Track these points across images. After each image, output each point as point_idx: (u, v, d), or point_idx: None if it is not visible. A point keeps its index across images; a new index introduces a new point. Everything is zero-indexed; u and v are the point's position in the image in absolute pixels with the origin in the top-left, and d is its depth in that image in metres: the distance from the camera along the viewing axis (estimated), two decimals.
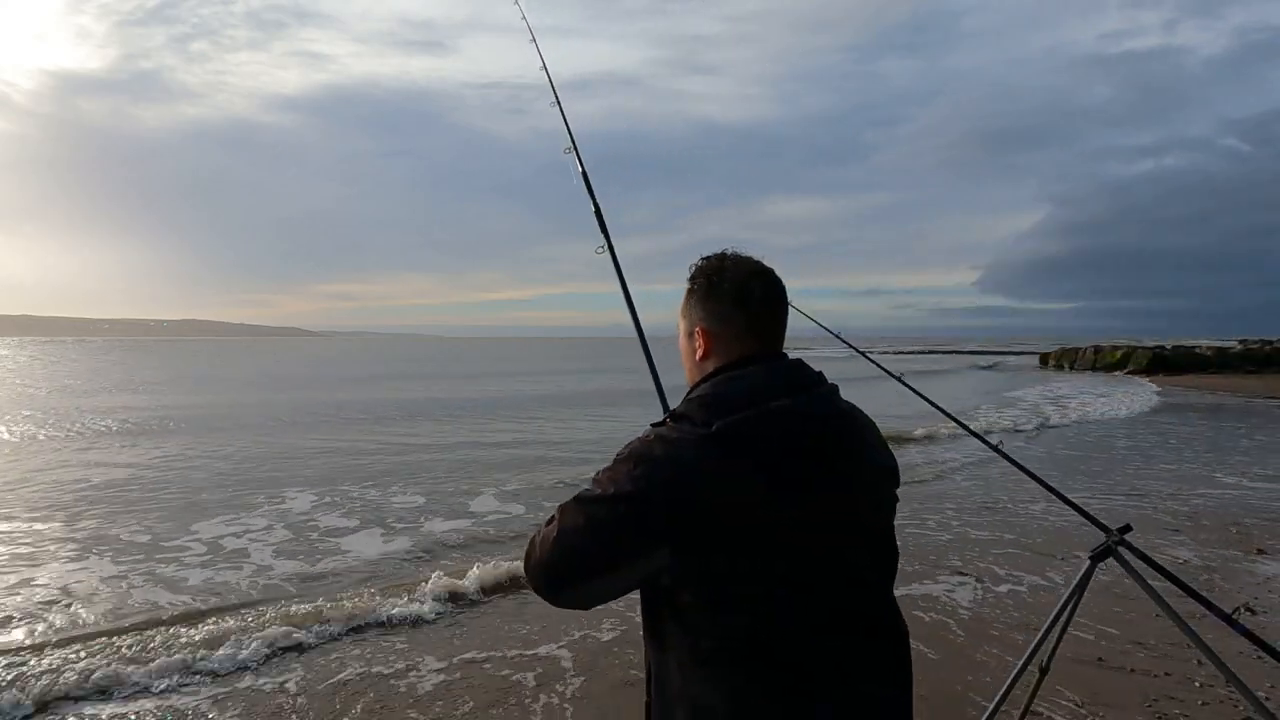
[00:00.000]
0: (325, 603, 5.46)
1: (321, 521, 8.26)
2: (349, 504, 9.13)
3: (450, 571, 6.16)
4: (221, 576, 6.28)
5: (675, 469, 1.18)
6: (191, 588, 6.02)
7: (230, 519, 8.29)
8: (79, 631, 5.07)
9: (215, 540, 7.43)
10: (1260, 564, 6.38)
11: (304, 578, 6.32)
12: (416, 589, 5.79)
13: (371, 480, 10.72)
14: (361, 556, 6.94)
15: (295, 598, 5.75)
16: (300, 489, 10.00)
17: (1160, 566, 2.47)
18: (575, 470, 11.43)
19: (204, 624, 5.12)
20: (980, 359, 66.65)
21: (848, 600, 1.24)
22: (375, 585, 6.00)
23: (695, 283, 1.39)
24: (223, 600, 5.73)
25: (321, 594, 5.75)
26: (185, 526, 7.95)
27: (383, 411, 21.75)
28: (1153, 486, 9.86)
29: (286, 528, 7.94)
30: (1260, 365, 37.82)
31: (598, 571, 1.23)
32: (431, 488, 10.18)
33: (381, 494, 9.76)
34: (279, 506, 8.99)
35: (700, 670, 1.20)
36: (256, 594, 5.91)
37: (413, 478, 10.95)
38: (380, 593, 5.76)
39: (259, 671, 4.47)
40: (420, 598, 5.63)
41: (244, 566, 6.58)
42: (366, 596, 5.66)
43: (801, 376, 1.28)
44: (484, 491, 9.90)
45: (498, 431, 16.99)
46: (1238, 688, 2.33)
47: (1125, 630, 4.88)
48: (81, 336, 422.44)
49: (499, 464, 12.23)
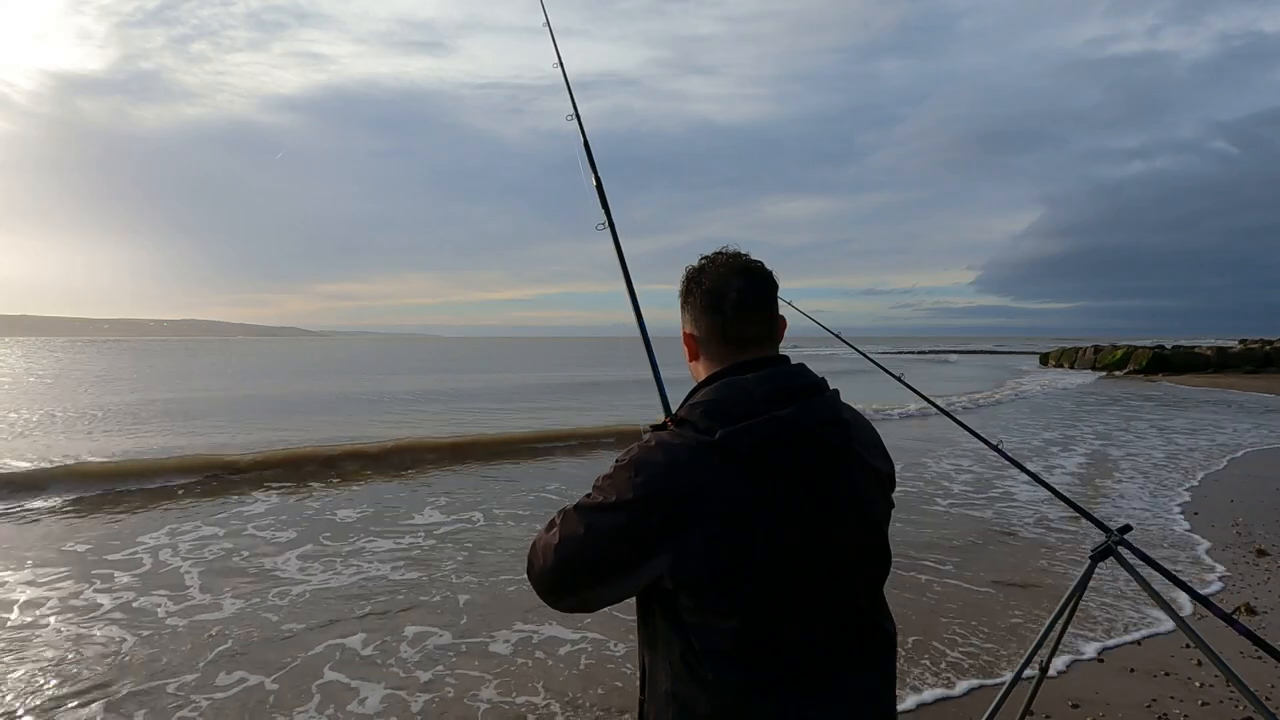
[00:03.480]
0: None
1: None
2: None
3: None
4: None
5: (676, 477, 1.19)
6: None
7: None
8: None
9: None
10: (1260, 564, 6.38)
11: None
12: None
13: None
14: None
15: None
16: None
17: (1160, 566, 2.47)
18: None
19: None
20: (981, 359, 66.60)
21: (839, 602, 1.26)
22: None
23: (682, 286, 1.41)
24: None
25: None
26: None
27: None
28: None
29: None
30: (1260, 365, 37.83)
31: (600, 578, 1.24)
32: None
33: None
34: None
35: (690, 671, 1.21)
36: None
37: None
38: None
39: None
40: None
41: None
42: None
43: (803, 383, 1.28)
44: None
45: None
46: (1238, 688, 2.33)
47: (1125, 630, 4.88)
48: (80, 337, 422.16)
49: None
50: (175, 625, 5.02)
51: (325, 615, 5.22)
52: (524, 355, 79.79)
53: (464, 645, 4.75)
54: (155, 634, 4.85)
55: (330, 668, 4.40)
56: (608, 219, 2.13)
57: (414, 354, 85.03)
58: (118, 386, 30.09)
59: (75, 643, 4.70)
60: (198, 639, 4.78)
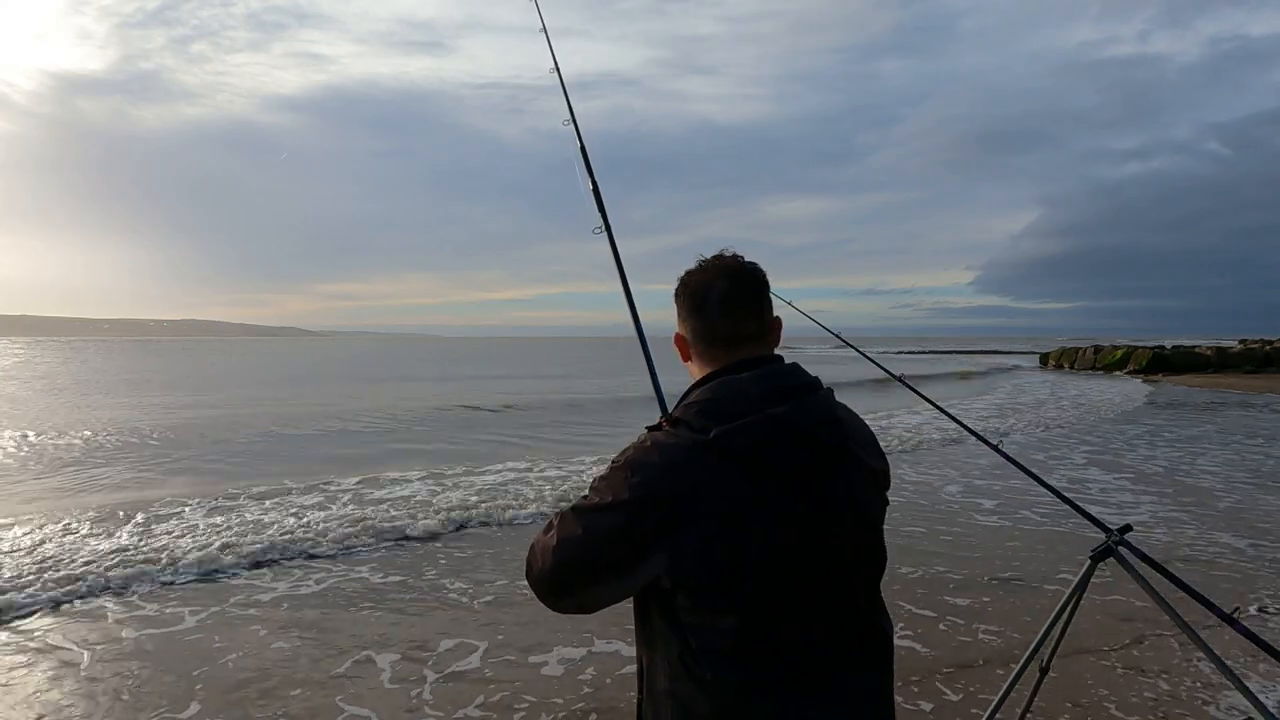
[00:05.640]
0: None
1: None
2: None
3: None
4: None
5: (672, 476, 1.19)
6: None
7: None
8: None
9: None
10: (1261, 563, 6.38)
11: None
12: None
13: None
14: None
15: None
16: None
17: (1161, 566, 2.47)
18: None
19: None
20: (980, 359, 66.52)
21: (837, 602, 1.26)
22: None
23: (676, 287, 1.42)
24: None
25: None
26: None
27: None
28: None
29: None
30: (1260, 365, 37.80)
31: (598, 580, 1.24)
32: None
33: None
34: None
35: (688, 670, 1.21)
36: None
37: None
38: None
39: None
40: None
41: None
42: None
43: (797, 382, 1.28)
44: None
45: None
46: (1238, 688, 2.33)
47: (1126, 630, 4.89)
48: (78, 337, 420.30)
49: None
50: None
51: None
52: (524, 356, 79.68)
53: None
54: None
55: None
56: (605, 223, 2.13)
57: (416, 354, 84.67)
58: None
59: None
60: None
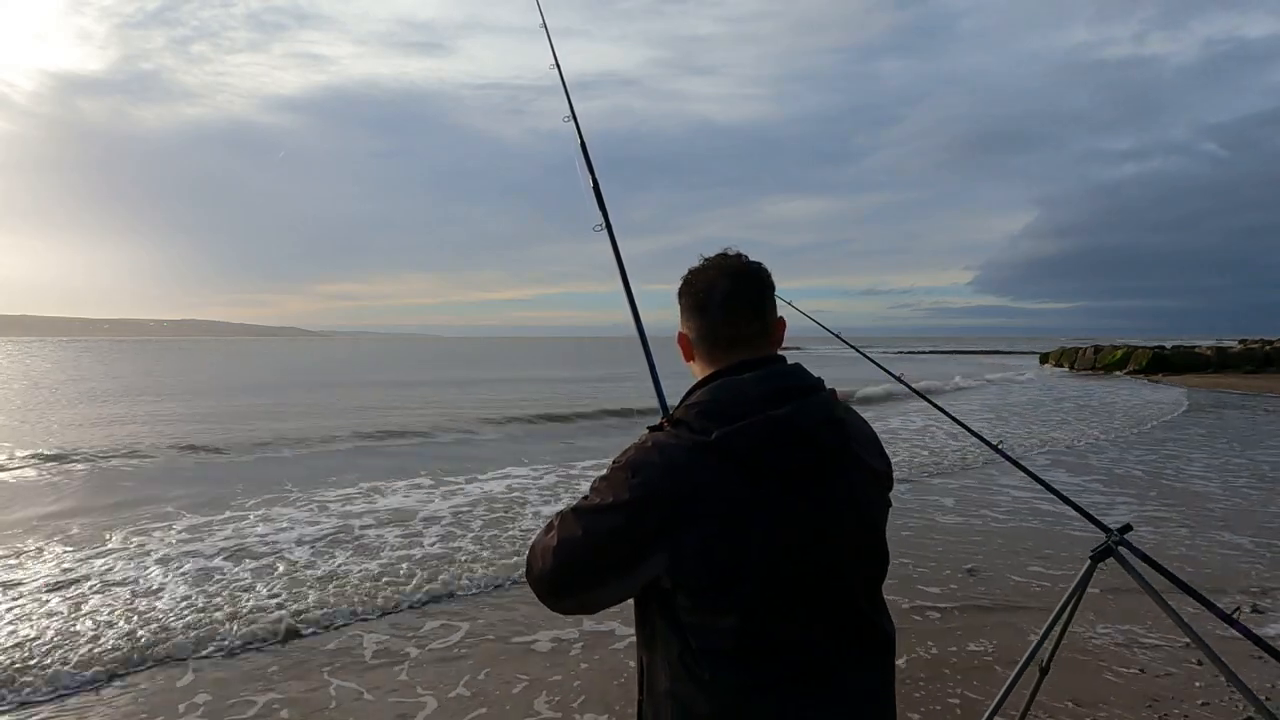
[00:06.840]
0: None
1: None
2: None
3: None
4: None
5: (673, 477, 1.19)
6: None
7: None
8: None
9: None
10: (1261, 564, 6.38)
11: None
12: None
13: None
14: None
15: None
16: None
17: (1161, 566, 2.47)
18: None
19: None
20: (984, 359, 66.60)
21: (837, 603, 1.26)
22: None
23: (679, 286, 1.42)
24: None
25: None
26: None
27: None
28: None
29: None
30: (1260, 365, 37.77)
31: (598, 580, 1.24)
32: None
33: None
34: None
35: (688, 670, 1.21)
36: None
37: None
38: None
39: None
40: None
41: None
42: None
43: (798, 383, 1.28)
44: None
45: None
46: (1238, 688, 2.33)
47: (1126, 630, 4.89)
48: (78, 337, 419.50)
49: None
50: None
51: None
52: (526, 355, 79.52)
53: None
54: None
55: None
56: (605, 220, 2.12)
57: (417, 354, 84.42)
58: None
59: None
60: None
